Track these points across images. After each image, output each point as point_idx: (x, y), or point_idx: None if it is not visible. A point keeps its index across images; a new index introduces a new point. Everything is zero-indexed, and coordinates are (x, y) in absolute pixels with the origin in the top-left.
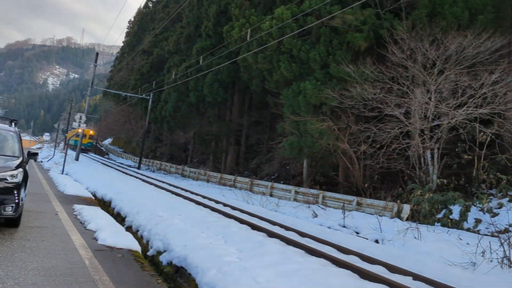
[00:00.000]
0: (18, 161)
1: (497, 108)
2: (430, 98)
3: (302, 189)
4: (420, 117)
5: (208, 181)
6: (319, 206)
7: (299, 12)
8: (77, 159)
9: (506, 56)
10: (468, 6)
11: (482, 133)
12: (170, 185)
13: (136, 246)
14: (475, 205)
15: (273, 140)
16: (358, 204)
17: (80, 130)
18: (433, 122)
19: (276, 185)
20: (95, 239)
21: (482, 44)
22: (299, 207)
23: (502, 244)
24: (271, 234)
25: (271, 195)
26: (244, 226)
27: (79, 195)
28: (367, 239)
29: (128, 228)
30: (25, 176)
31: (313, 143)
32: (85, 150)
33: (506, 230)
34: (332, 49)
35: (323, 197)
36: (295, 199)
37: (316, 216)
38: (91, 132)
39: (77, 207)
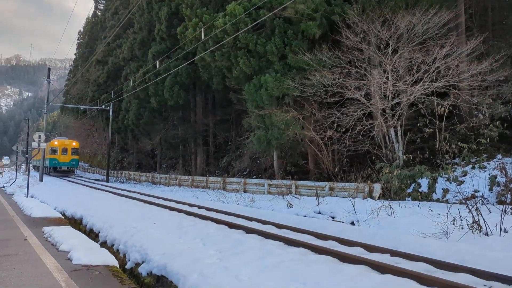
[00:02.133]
0: None
1: (451, 80)
2: (387, 78)
3: (274, 181)
4: (380, 97)
5: (180, 185)
6: (293, 196)
7: (251, 6)
8: (41, 179)
9: (454, 29)
10: None
11: (440, 106)
12: (141, 194)
13: (113, 261)
14: (441, 176)
15: (240, 136)
16: (331, 189)
17: (43, 145)
18: (393, 100)
19: (248, 180)
20: (69, 259)
21: (431, 20)
22: (273, 200)
23: (470, 211)
24: (249, 230)
25: (244, 191)
26: (221, 226)
27: (47, 217)
28: (343, 222)
29: (103, 244)
30: None
31: (280, 135)
32: (67, 171)
33: (473, 196)
34: (288, 39)
35: (296, 187)
36: (269, 192)
37: (291, 206)
38: (74, 144)
39: (46, 229)
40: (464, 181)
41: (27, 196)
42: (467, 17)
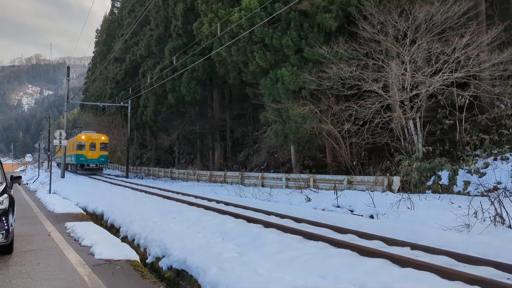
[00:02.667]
0: (1, 188)
1: (472, 70)
2: (405, 69)
3: (292, 175)
4: (398, 89)
5: (198, 180)
6: (311, 190)
7: (267, 0)
8: (63, 176)
9: (474, 18)
10: None
11: (460, 97)
12: (161, 189)
13: (134, 256)
14: (462, 168)
15: (257, 131)
16: (349, 182)
17: (64, 143)
18: (412, 92)
19: (266, 174)
20: (92, 254)
21: (450, 9)
22: (291, 194)
23: (492, 203)
24: (267, 225)
25: (262, 185)
26: (240, 221)
27: (69, 212)
28: (362, 216)
29: (124, 239)
30: (11, 201)
31: (297, 128)
32: (95, 169)
33: (495, 188)
34: (304, 33)
35: (314, 180)
36: (287, 186)
37: (309, 200)
38: (103, 139)
39: (69, 224)
40: (485, 173)
41: (49, 193)
42: (488, 5)
